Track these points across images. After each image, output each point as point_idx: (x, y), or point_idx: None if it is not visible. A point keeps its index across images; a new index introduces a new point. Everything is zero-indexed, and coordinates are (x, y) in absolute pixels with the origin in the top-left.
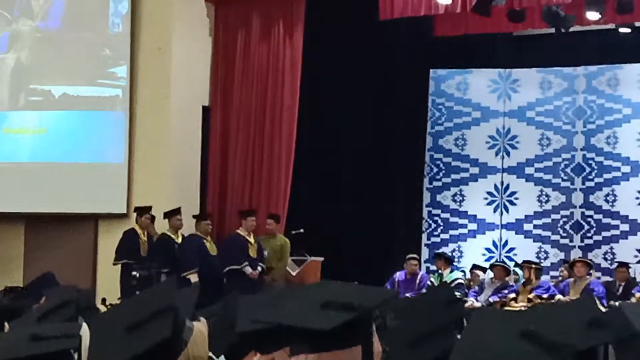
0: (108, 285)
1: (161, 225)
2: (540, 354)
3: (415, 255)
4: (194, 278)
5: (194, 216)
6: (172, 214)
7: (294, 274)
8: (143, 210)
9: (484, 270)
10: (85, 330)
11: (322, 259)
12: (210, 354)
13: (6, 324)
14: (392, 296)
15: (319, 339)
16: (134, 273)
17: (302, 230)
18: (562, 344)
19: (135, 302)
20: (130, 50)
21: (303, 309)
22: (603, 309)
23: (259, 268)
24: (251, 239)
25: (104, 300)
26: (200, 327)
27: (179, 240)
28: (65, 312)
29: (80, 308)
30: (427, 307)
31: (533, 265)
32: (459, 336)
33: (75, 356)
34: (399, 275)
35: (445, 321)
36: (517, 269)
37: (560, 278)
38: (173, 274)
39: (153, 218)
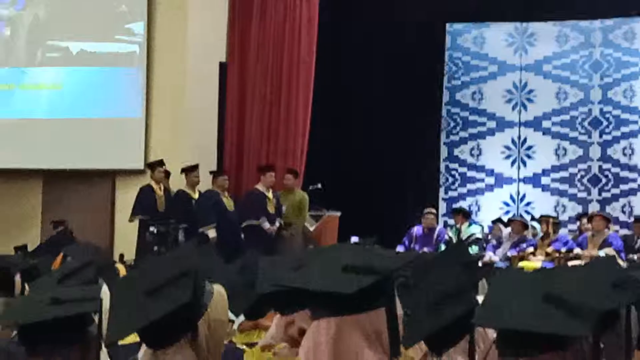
0: (125, 242)
1: (177, 182)
2: (564, 317)
3: (432, 210)
4: (211, 233)
5: (211, 172)
6: (190, 170)
7: (312, 229)
8: (156, 165)
9: (505, 224)
10: (105, 292)
11: (339, 213)
12: (230, 315)
13: (26, 286)
14: (412, 259)
15: (343, 303)
16: (151, 229)
17: (319, 186)
18: (585, 307)
19: (155, 266)
20: (147, 6)
21: (324, 273)
22: (622, 263)
23: (277, 223)
24: (269, 195)
25: (121, 257)
26: (219, 289)
27: (196, 196)
28: (85, 274)
29: (99, 268)
30: (445, 268)
31: (551, 219)
32: (478, 297)
33: (96, 318)
34: (416, 229)
35: (463, 283)
36: (535, 223)
37: (578, 232)
38: (191, 230)
39: (168, 174)
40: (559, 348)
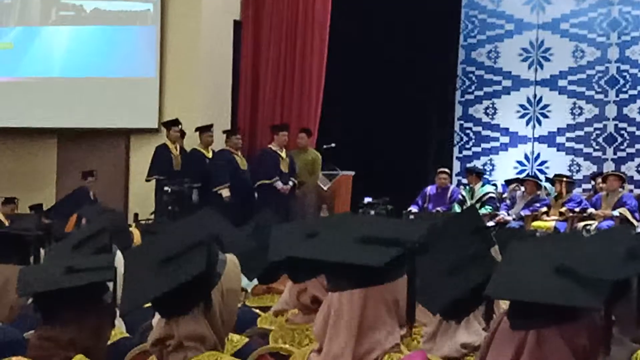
0: (140, 201)
1: (192, 141)
2: (575, 288)
3: (445, 169)
4: (225, 193)
5: (224, 131)
6: (204, 130)
7: (325, 188)
8: (171, 124)
9: (521, 182)
10: (119, 260)
11: (353, 173)
12: (243, 283)
13: (42, 251)
14: (431, 229)
15: (367, 275)
16: (165, 188)
17: (333, 145)
18: (597, 278)
19: (169, 235)
20: None
21: (341, 244)
22: (635, 222)
23: (290, 183)
24: (283, 154)
25: (136, 216)
26: (233, 259)
27: (210, 156)
28: (99, 240)
29: (113, 233)
30: (459, 234)
31: (564, 179)
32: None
33: (111, 286)
34: (429, 189)
35: (479, 248)
36: (548, 184)
37: (593, 191)
38: (204, 190)
39: (183, 133)
40: (570, 319)
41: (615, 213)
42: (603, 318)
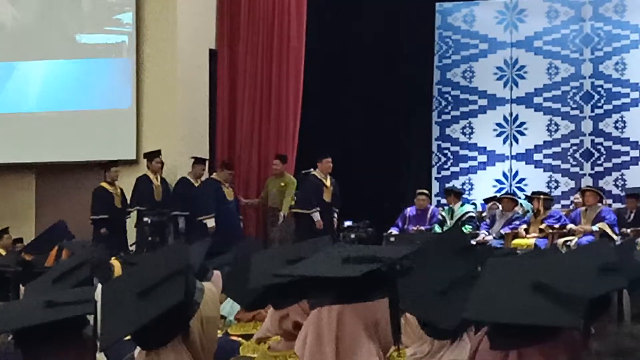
0: None
1: (170, 171)
2: (554, 308)
3: (424, 191)
4: (210, 223)
5: (221, 163)
6: (198, 163)
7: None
8: (153, 155)
9: (499, 201)
10: (100, 292)
11: None
12: (225, 311)
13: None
14: (413, 250)
15: (345, 290)
16: (145, 219)
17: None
18: (575, 296)
19: (146, 266)
20: None
21: (325, 264)
22: (615, 237)
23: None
24: (327, 182)
25: (112, 251)
26: (210, 287)
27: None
28: (79, 273)
29: (94, 266)
30: (446, 254)
31: (542, 196)
32: None
33: (91, 319)
34: (409, 210)
35: (468, 267)
36: (525, 201)
37: (572, 206)
38: (192, 219)
39: (162, 164)
40: (550, 338)
41: (595, 228)
42: (581, 334)
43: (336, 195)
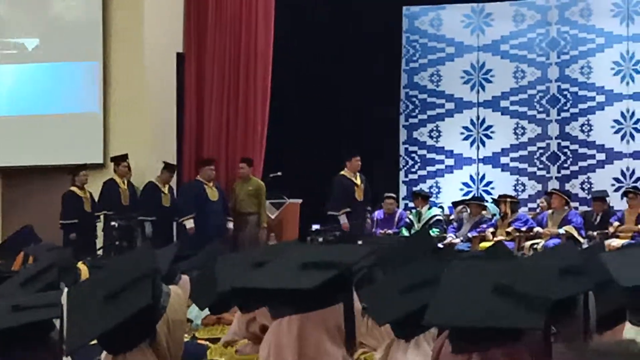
0: None
1: (135, 172)
2: (514, 309)
3: (392, 195)
4: (189, 224)
5: (198, 163)
6: (167, 169)
7: (272, 216)
8: (120, 159)
9: (467, 204)
10: (66, 296)
11: (300, 200)
12: (192, 315)
13: None
14: (370, 253)
15: (304, 300)
16: (112, 223)
17: (279, 173)
18: (536, 297)
19: (113, 270)
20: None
21: (283, 271)
22: (582, 240)
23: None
24: (357, 180)
25: (80, 255)
26: (177, 290)
27: (166, 190)
28: (46, 277)
29: (61, 270)
30: (413, 256)
31: (508, 199)
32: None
33: (58, 324)
34: (377, 214)
35: (433, 269)
36: (492, 205)
37: (539, 210)
38: (159, 223)
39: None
40: (512, 339)
41: (562, 231)
42: (542, 335)
43: (367, 192)
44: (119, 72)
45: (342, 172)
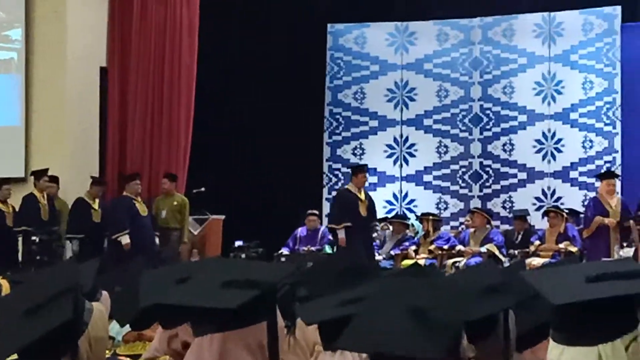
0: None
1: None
2: (424, 334)
3: (315, 211)
4: (124, 240)
5: (124, 177)
6: (95, 184)
7: (195, 232)
8: (40, 173)
9: (390, 222)
10: None
11: (223, 217)
12: (113, 332)
13: None
14: (294, 271)
15: (225, 318)
16: (33, 238)
17: (203, 189)
18: (445, 323)
19: (34, 285)
20: (25, 12)
21: (206, 288)
22: (503, 258)
23: (376, 231)
24: (362, 195)
25: (1, 270)
26: (99, 307)
27: (96, 206)
28: None
29: None
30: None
31: (430, 217)
32: None
33: None
34: (300, 231)
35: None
36: (416, 222)
37: (462, 228)
38: (87, 241)
39: (56, 180)
40: None
41: (483, 249)
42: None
43: (372, 208)
44: (42, 85)
45: (347, 186)
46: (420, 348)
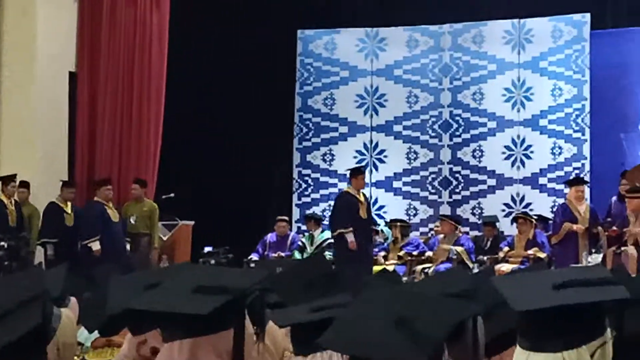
0: None
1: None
2: (413, 341)
3: (284, 217)
4: (95, 246)
5: (94, 183)
6: (66, 186)
7: (165, 238)
8: (8, 179)
9: None
10: None
11: (193, 222)
12: (82, 337)
13: None
14: (264, 277)
15: (194, 324)
16: (0, 244)
17: (172, 195)
18: (426, 333)
19: (1, 291)
20: None
21: (175, 294)
22: (471, 264)
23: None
24: (361, 197)
25: None
26: (67, 313)
27: (69, 209)
28: None
29: None
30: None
31: (399, 223)
32: None
33: None
34: (269, 237)
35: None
36: (386, 228)
37: (431, 234)
38: (61, 245)
39: (27, 185)
40: None
41: (453, 249)
42: None
43: (370, 211)
44: (10, 90)
45: (346, 189)
46: (404, 357)
